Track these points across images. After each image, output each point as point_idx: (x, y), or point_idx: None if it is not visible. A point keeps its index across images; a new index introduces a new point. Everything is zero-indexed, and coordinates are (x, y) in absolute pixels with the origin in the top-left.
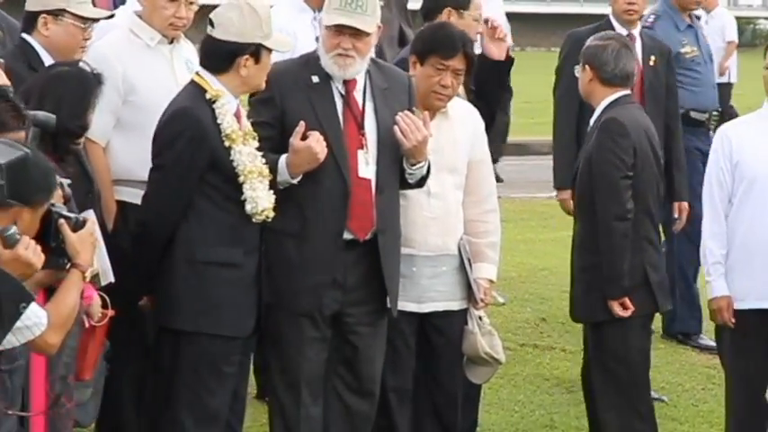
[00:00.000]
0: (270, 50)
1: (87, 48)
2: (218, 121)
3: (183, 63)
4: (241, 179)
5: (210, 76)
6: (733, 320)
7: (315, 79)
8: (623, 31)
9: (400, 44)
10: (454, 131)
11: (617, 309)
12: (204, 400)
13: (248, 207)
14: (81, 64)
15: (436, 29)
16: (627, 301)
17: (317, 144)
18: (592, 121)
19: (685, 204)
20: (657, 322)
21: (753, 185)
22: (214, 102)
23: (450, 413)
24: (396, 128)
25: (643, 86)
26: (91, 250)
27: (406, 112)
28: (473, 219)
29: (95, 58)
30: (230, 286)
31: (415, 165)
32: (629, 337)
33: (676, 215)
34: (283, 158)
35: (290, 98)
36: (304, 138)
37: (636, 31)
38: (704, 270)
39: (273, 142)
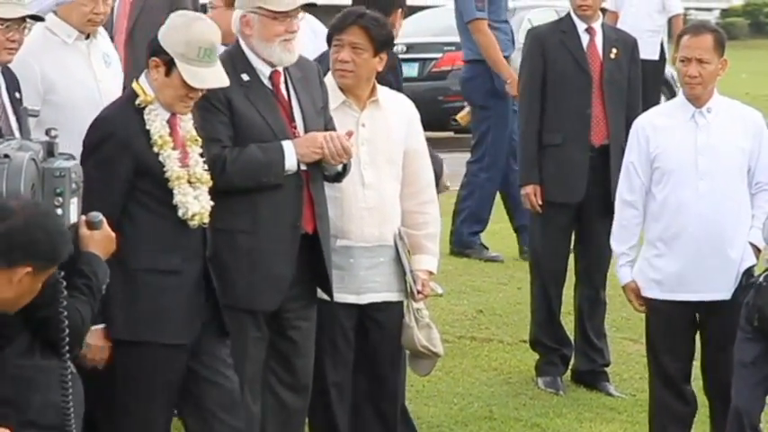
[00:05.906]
0: (182, 78)
1: (15, 49)
2: (147, 127)
3: (101, 57)
4: (170, 184)
5: (147, 84)
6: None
7: (245, 77)
8: (583, 26)
9: None
10: (387, 121)
11: None
12: (142, 408)
13: (180, 212)
14: None
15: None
16: None
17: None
18: None
19: None
20: None
21: (671, 176)
22: (143, 108)
23: (389, 406)
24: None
25: (602, 79)
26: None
27: (332, 134)
28: (411, 210)
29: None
30: (169, 293)
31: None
32: None
33: None
34: (290, 144)
35: (233, 99)
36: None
37: (597, 24)
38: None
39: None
